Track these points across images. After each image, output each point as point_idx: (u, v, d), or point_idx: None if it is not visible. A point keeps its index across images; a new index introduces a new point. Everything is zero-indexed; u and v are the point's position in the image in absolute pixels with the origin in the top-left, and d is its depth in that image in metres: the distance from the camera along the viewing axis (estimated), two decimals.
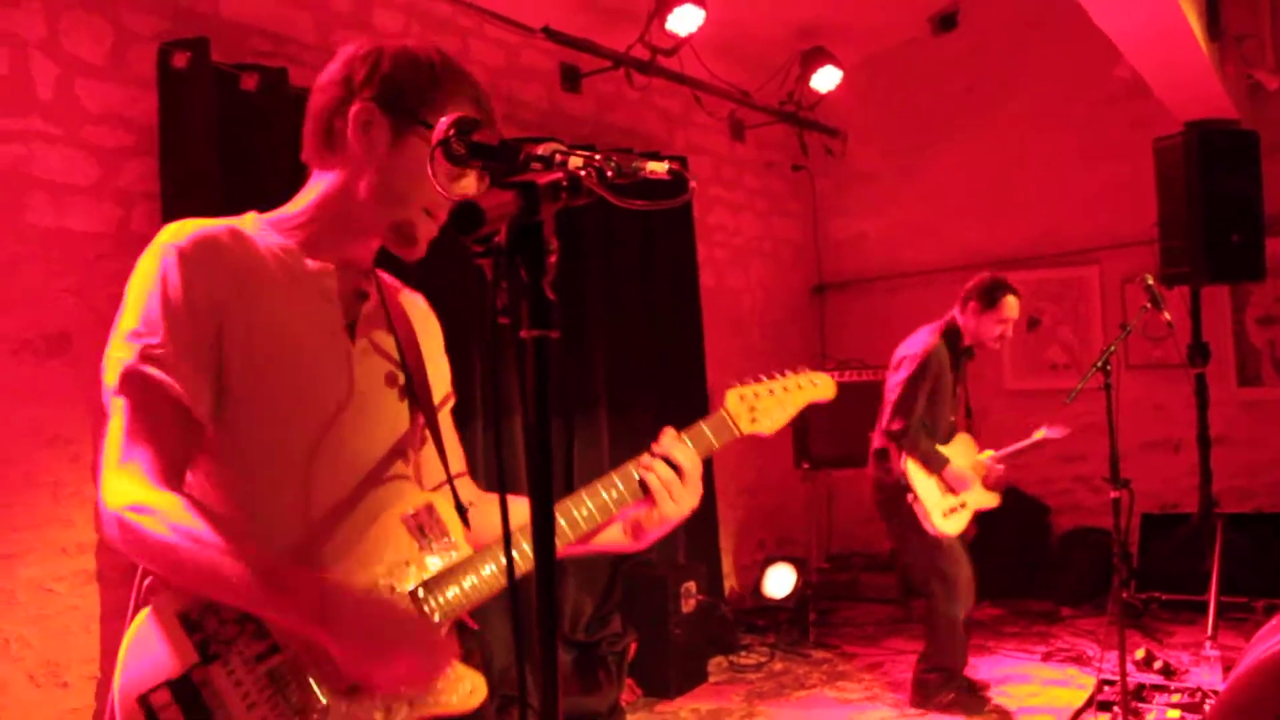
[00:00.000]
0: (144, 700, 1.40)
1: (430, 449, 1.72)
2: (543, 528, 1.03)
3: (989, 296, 4.61)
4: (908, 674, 4.93)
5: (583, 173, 1.17)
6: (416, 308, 1.81)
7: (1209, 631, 4.88)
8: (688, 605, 5.22)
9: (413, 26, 4.85)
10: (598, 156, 1.23)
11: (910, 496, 4.47)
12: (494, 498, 1.62)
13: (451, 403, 1.82)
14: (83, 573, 3.57)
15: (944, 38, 7.19)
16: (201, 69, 3.69)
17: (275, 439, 1.53)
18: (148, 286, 1.48)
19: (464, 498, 1.69)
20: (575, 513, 1.65)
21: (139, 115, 3.75)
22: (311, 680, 1.46)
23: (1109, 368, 3.99)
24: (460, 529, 1.64)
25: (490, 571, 1.59)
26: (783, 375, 1.88)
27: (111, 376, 1.47)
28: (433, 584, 1.58)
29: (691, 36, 5.46)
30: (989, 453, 4.72)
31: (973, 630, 4.81)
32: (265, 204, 1.70)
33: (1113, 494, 3.93)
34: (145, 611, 1.47)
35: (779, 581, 6.24)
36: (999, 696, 4.74)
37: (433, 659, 1.50)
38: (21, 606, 3.41)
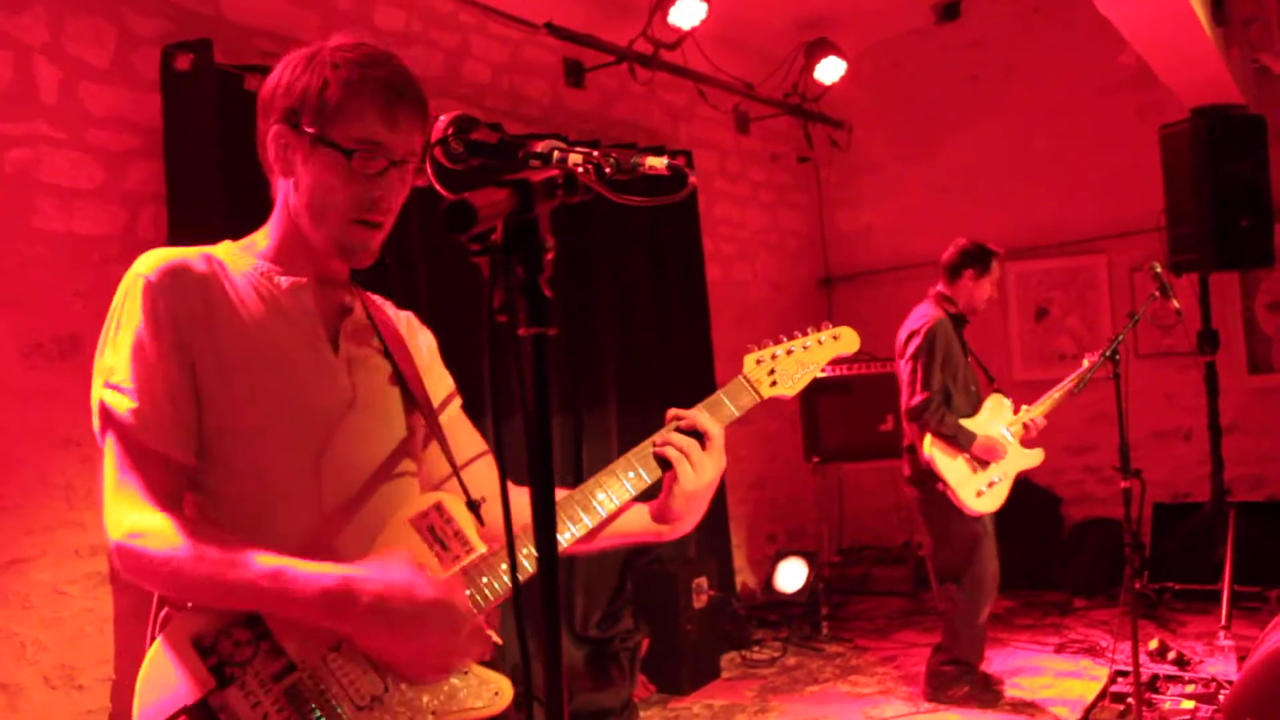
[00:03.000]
0: None
1: (435, 448, 1.70)
2: (544, 525, 1.03)
3: (983, 262, 4.67)
4: (921, 667, 4.92)
5: (580, 169, 1.17)
6: (406, 323, 1.78)
7: (1222, 621, 4.86)
8: (699, 601, 5.22)
9: (414, 24, 4.85)
10: (596, 153, 1.22)
11: (939, 486, 4.44)
12: (511, 491, 1.59)
13: (458, 401, 1.80)
14: (95, 575, 3.58)
15: (947, 27, 7.17)
16: (205, 70, 3.69)
17: (276, 454, 1.52)
18: (118, 320, 1.51)
19: (483, 487, 1.66)
20: (593, 499, 1.60)
21: (143, 118, 3.75)
22: (331, 697, 1.45)
23: (1117, 357, 3.97)
24: (473, 526, 1.60)
25: (507, 569, 1.55)
26: (802, 334, 1.83)
27: (94, 412, 1.49)
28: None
29: (694, 30, 5.45)
30: (1024, 409, 4.65)
31: (989, 624, 4.79)
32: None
33: (1123, 484, 3.91)
34: (158, 641, 1.45)
35: (790, 576, 6.24)
36: (1012, 689, 4.73)
37: (457, 632, 1.46)
38: (36, 610, 3.42)
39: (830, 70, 6.56)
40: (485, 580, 1.55)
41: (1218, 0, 5.06)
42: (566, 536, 1.59)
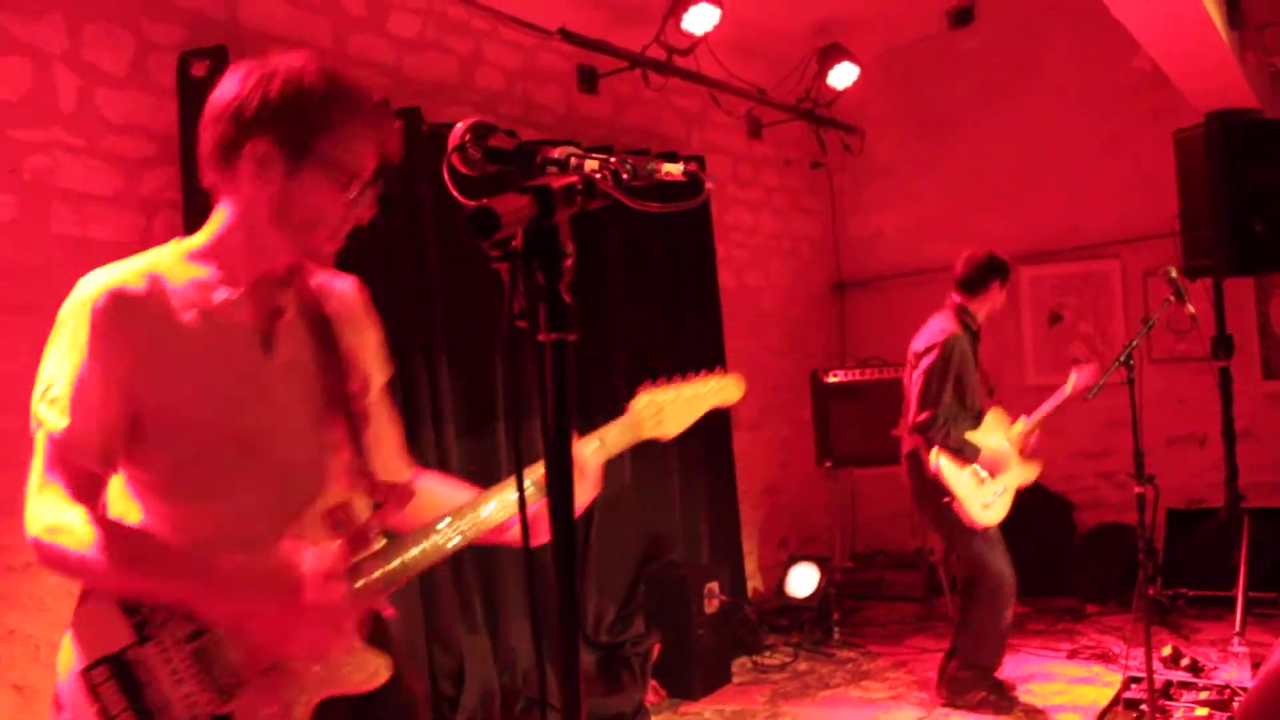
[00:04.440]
0: (85, 674, 1.56)
1: (370, 443, 1.79)
2: (563, 531, 1.04)
3: (1005, 271, 4.71)
4: (933, 673, 4.91)
5: (598, 176, 1.18)
6: (340, 298, 1.83)
7: (1237, 627, 4.84)
8: (711, 606, 5.22)
9: (428, 30, 4.87)
10: (613, 159, 1.23)
11: (948, 500, 4.43)
12: (432, 484, 1.88)
13: (387, 375, 1.90)
14: None
15: (960, 32, 7.16)
16: (221, 77, 3.70)
17: (203, 469, 1.62)
18: (62, 340, 1.61)
19: (397, 476, 1.83)
20: (482, 509, 1.76)
21: (160, 125, 3.78)
22: (232, 659, 1.58)
23: (1132, 362, 3.97)
24: (375, 524, 1.74)
25: (414, 554, 1.70)
26: (697, 378, 1.99)
27: (32, 417, 1.59)
28: (351, 571, 1.67)
29: (707, 35, 5.46)
30: (1021, 421, 4.68)
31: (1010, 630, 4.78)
32: None
33: (1137, 489, 3.90)
34: (89, 596, 1.62)
35: (802, 581, 6.23)
36: (1025, 695, 4.71)
37: (332, 613, 1.58)
38: (50, 612, 3.44)
39: (843, 76, 6.56)
40: (376, 573, 1.69)
41: (1233, 4, 5.04)
42: (454, 543, 1.74)
